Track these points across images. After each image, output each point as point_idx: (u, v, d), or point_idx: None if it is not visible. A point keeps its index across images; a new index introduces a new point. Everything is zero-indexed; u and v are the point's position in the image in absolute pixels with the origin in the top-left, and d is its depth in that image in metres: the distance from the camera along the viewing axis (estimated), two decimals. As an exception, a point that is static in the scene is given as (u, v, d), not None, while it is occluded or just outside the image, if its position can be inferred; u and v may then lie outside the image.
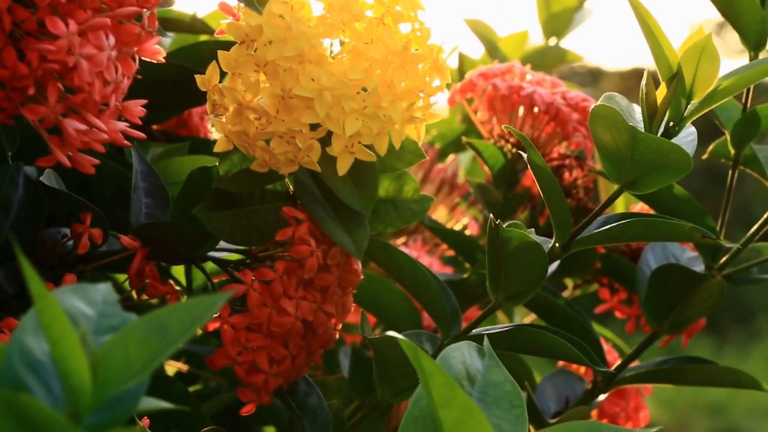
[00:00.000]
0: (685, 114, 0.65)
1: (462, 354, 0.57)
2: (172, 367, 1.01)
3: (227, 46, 0.64)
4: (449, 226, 1.01)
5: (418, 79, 0.65)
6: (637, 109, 0.68)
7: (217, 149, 0.65)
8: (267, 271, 0.66)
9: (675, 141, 0.65)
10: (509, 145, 0.89)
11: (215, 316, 0.66)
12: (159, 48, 0.60)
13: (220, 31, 0.66)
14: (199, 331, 1.05)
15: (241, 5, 0.64)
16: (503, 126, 0.67)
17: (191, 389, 1.02)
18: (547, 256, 0.66)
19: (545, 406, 0.83)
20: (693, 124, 0.67)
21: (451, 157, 1.07)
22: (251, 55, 0.63)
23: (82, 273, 0.68)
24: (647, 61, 0.68)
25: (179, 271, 0.82)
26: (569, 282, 1.00)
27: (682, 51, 0.65)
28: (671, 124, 0.66)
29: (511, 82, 0.87)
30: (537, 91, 0.86)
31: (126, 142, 0.57)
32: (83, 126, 0.54)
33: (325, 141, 0.63)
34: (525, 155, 0.66)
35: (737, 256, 0.79)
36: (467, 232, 1.01)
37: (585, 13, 1.26)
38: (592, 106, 0.65)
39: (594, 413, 0.93)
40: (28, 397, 0.38)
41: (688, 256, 0.83)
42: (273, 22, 0.62)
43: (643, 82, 0.65)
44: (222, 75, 0.65)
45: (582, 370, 0.93)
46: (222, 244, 0.70)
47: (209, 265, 0.72)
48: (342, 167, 0.64)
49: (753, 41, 0.76)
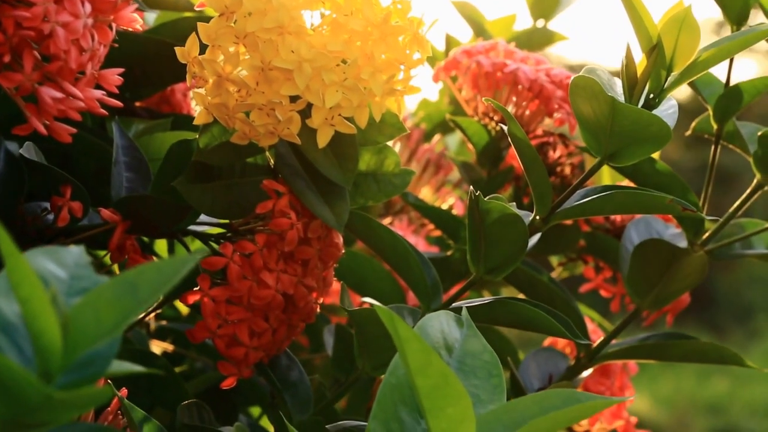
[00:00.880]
0: (665, 86, 0.65)
1: (440, 323, 0.57)
2: (158, 348, 1.01)
3: (209, 21, 0.64)
4: (435, 205, 1.01)
5: (398, 52, 0.64)
6: (619, 83, 0.68)
7: (197, 122, 0.65)
8: (247, 244, 0.65)
9: (656, 113, 0.64)
10: (493, 123, 0.89)
11: (196, 289, 0.66)
12: (135, 16, 0.60)
13: (201, 4, 0.65)
14: (185, 310, 1.05)
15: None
16: (485, 99, 0.67)
17: (177, 370, 1.01)
18: (528, 228, 0.66)
19: (528, 382, 0.83)
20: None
21: (437, 137, 1.07)
22: (231, 27, 0.63)
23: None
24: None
25: (162, 248, 0.82)
26: (554, 261, 1.00)
27: (662, 23, 0.65)
28: (651, 95, 0.66)
29: (495, 59, 0.87)
30: (521, 68, 0.85)
31: (102, 110, 0.57)
32: (59, 94, 0.54)
33: (305, 113, 0.63)
34: (506, 127, 0.66)
35: (720, 231, 0.79)
36: (453, 212, 1.01)
37: (572, -5, 1.25)
38: (574, 80, 0.64)
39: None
40: (-2, 356, 0.38)
41: (671, 232, 0.83)
42: (252, -7, 0.62)
43: (623, 54, 0.65)
44: (202, 47, 0.64)
45: (568, 350, 0.93)
46: (203, 217, 0.70)
47: (195, 244, 0.72)
48: (322, 139, 0.64)
49: (735, 17, 0.76)
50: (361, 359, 0.69)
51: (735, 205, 0.78)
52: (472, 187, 0.64)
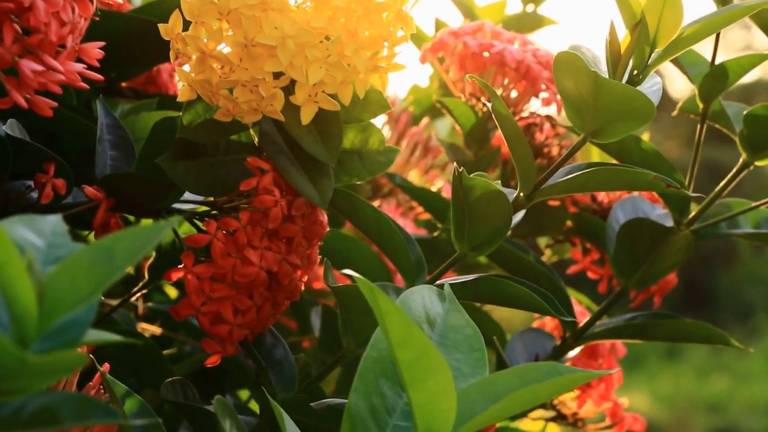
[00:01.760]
0: (649, 62, 0.65)
1: (422, 297, 0.57)
2: (146, 331, 1.01)
3: (196, -1, 0.64)
4: (423, 187, 1.01)
5: (381, 28, 0.64)
6: (604, 61, 0.68)
7: (181, 98, 0.65)
8: (231, 221, 0.65)
9: (639, 89, 0.64)
10: (480, 104, 0.89)
11: (179, 266, 0.66)
12: (116, -11, 0.60)
13: (183, -20, 0.65)
14: (174, 293, 1.05)
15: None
16: (468, 76, 0.67)
17: (166, 353, 1.01)
18: (512, 205, 0.66)
19: (514, 362, 0.83)
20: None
21: (426, 120, 1.07)
22: (214, 3, 0.63)
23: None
24: None
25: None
26: (543, 244, 1.00)
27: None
28: (635, 72, 0.66)
29: (482, 40, 0.87)
30: (507, 49, 0.85)
31: (83, 84, 0.57)
32: (40, 67, 0.54)
33: (289, 90, 0.63)
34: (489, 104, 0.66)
35: (706, 211, 0.79)
36: (441, 194, 1.01)
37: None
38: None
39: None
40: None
41: (658, 212, 0.83)
42: (235, -31, 0.62)
43: (607, 30, 0.65)
44: (186, 24, 0.64)
45: (556, 333, 0.93)
46: (187, 195, 0.70)
47: (184, 227, 0.72)
48: (306, 116, 0.63)
49: (721, -7, 0.76)
50: (346, 337, 0.69)
51: (721, 185, 0.78)
52: (456, 164, 0.64)
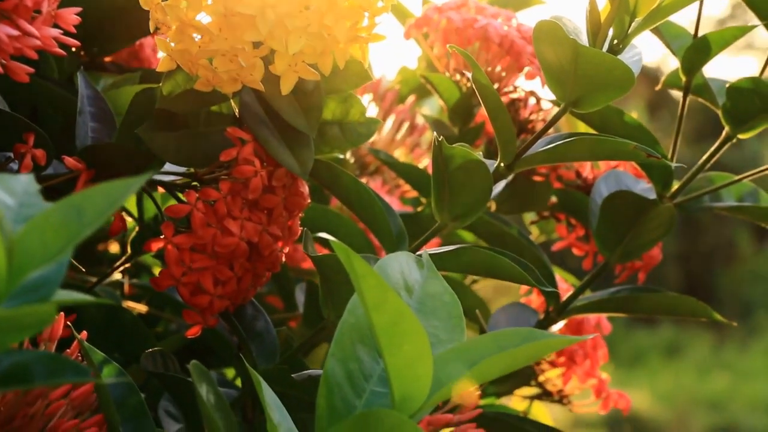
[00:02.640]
0: (629, 31, 0.65)
1: (400, 264, 0.57)
2: (133, 310, 1.01)
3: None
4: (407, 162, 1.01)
5: (361, -2, 0.64)
6: (585, 32, 0.68)
7: (160, 68, 0.65)
8: (211, 191, 0.65)
9: (620, 59, 0.64)
10: (465, 79, 0.88)
11: (160, 237, 0.66)
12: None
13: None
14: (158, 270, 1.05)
15: None
16: (449, 46, 0.67)
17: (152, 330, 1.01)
18: (492, 175, 0.66)
19: (498, 336, 0.83)
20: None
21: (412, 98, 1.07)
22: (193, -27, 0.62)
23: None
24: (646, 58, 0.68)
25: (131, 203, 0.82)
26: (527, 220, 1.00)
27: (626, -31, 0.64)
28: (615, 41, 0.65)
29: (466, 15, 0.87)
30: (491, 24, 0.85)
31: (60, 50, 0.57)
32: (15, 32, 0.54)
33: (269, 60, 0.63)
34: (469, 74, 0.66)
35: (689, 184, 0.79)
36: (427, 171, 1.01)
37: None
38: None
39: (553, 352, 0.93)
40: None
41: (642, 187, 0.83)
42: (214, -64, 0.61)
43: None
44: (166, -7, 0.64)
45: (540, 310, 0.92)
46: (168, 167, 0.70)
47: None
48: (285, 86, 0.63)
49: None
50: (327, 308, 0.69)
51: (704, 158, 0.78)
52: (436, 134, 0.64)
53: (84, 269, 0.81)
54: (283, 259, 0.70)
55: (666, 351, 7.05)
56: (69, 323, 0.60)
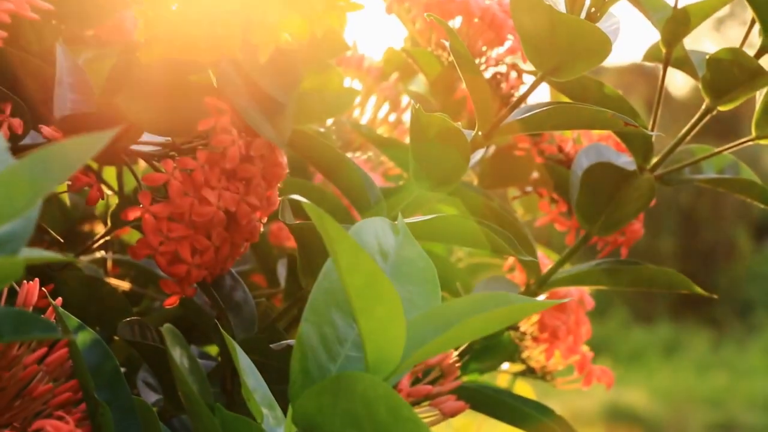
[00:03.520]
0: (606, -1, 0.65)
1: (375, 229, 0.57)
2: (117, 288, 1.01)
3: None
4: (389, 137, 1.01)
5: (339, -35, 0.64)
6: (563, 1, 0.67)
7: (138, 37, 0.65)
8: (188, 161, 0.65)
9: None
10: (446, 53, 0.88)
11: (137, 206, 0.66)
12: None
13: None
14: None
15: None
16: (426, 14, 0.67)
17: (135, 310, 1.01)
18: (470, 144, 0.66)
19: (478, 309, 0.83)
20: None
21: (395, 75, 1.06)
22: (170, -60, 0.62)
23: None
24: None
25: (111, 175, 0.82)
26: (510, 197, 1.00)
27: (604, -65, 0.64)
28: (593, 9, 0.65)
29: (448, -12, 0.87)
30: (473, -3, 0.85)
31: (32, 15, 0.57)
32: (-13, -4, 0.54)
33: (247, 28, 0.63)
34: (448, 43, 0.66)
35: (669, 156, 0.79)
36: (409, 147, 1.01)
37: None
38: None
39: (535, 327, 0.94)
40: None
41: (623, 160, 0.83)
42: None
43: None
44: (143, -38, 0.64)
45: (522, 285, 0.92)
46: (146, 137, 0.70)
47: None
48: (263, 55, 0.63)
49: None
50: (305, 278, 0.69)
51: (684, 130, 0.78)
52: (413, 101, 0.64)
53: (67, 248, 0.81)
54: (261, 229, 0.70)
55: (664, 349, 7.08)
56: (46, 292, 0.60)
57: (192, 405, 0.53)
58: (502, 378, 1.09)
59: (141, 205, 0.65)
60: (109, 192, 0.80)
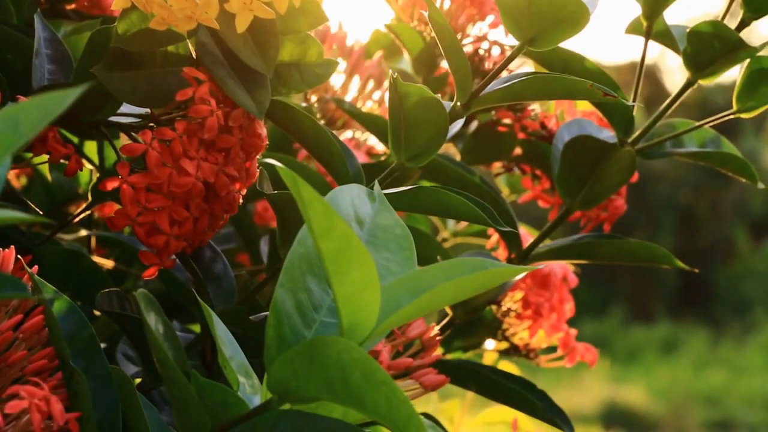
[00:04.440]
0: (585, -32, 0.65)
1: (351, 196, 0.57)
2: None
3: None
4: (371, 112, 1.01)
5: (317, -66, 0.64)
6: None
7: (116, 6, 0.65)
8: (167, 131, 0.65)
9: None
10: (429, 29, 0.88)
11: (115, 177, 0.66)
12: None
13: None
14: (128, 230, 1.04)
15: None
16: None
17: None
18: (448, 114, 0.65)
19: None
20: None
21: (379, 53, 1.06)
22: None
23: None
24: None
25: (92, 150, 0.82)
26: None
27: None
28: (571, -21, 0.65)
29: (430, -37, 0.86)
30: (454, -28, 0.85)
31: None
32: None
33: (224, -2, 0.63)
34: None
35: (650, 130, 0.79)
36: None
37: None
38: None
39: (519, 305, 0.94)
40: None
41: (605, 135, 0.83)
42: None
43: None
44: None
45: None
46: (125, 108, 0.69)
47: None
48: (241, 24, 0.63)
49: None
50: (283, 248, 0.69)
51: (665, 104, 0.78)
52: (391, 71, 0.64)
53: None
54: (241, 201, 0.69)
55: (662, 347, 7.09)
56: (22, 262, 0.60)
57: (167, 371, 0.53)
58: (487, 358, 1.09)
59: (120, 176, 0.65)
60: (91, 167, 0.80)
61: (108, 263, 1.00)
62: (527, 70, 0.76)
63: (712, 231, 8.14)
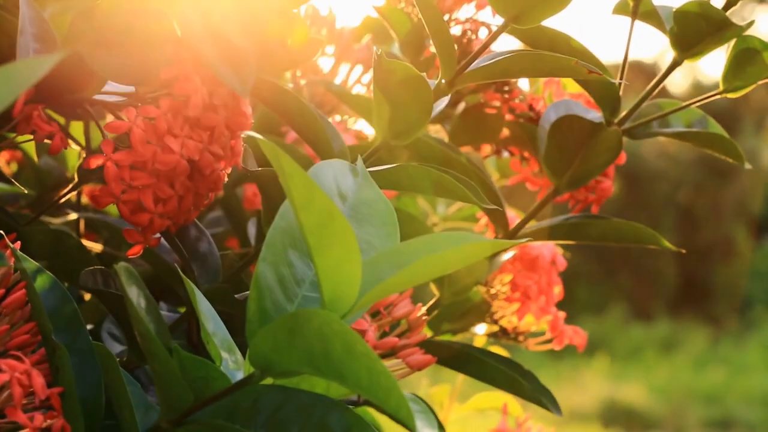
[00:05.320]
0: (569, -54, 0.65)
1: (333, 171, 0.57)
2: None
3: None
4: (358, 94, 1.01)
5: None
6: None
7: (99, -17, 0.64)
8: (151, 109, 0.65)
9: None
10: (416, 11, 0.88)
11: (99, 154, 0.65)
12: None
13: None
14: (116, 213, 1.04)
15: None
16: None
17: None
18: (433, 92, 0.65)
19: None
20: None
21: (368, 37, 1.06)
22: None
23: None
24: (643, 54, 0.68)
25: (78, 131, 0.82)
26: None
27: None
28: (556, -45, 0.65)
29: (417, -56, 0.86)
30: (441, -48, 0.85)
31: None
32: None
33: (208, -25, 0.63)
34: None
35: (637, 110, 0.79)
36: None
37: None
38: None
39: (507, 288, 0.93)
40: None
41: (592, 115, 0.83)
42: None
43: None
44: None
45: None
46: (109, 87, 0.69)
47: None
48: (225, 2, 0.63)
49: None
50: (268, 225, 0.69)
51: (652, 83, 0.78)
52: (375, 48, 0.64)
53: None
54: (226, 179, 0.69)
55: (662, 345, 7.10)
56: (6, 239, 0.60)
57: (149, 344, 0.53)
58: (476, 342, 1.09)
59: (104, 154, 0.65)
60: (77, 148, 0.80)
61: (97, 247, 1.00)
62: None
63: (712, 230, 8.15)
